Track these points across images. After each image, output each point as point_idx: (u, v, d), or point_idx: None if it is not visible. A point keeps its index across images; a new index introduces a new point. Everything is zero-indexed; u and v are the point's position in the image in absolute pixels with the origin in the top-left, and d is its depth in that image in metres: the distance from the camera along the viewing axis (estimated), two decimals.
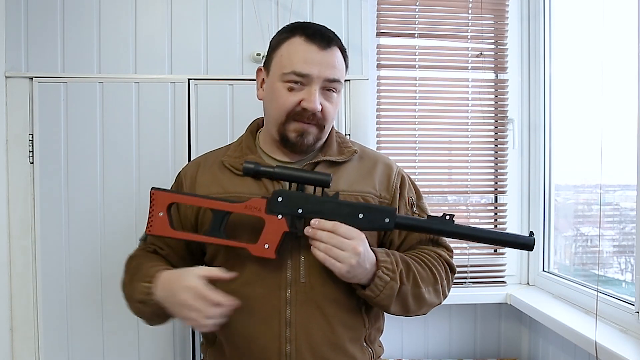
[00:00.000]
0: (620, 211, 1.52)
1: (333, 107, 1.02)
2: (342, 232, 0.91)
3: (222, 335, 1.02)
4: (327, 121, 1.02)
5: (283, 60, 1.00)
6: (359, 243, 0.91)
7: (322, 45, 0.99)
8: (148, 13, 1.52)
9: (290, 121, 1.00)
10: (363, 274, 0.94)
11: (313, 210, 0.94)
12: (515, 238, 0.99)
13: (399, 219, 0.97)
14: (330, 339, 0.99)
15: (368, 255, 0.93)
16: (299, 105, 0.99)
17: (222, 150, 1.13)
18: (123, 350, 1.49)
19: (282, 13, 1.55)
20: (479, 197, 1.83)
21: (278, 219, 0.94)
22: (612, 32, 1.42)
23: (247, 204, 0.95)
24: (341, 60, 1.03)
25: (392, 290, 0.95)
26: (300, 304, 0.98)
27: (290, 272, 0.98)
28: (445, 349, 1.79)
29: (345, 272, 0.91)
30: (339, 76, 1.01)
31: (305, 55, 0.98)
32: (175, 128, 1.51)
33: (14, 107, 1.46)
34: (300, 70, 0.97)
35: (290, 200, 0.95)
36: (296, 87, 0.99)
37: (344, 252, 0.90)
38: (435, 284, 1.03)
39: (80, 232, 1.48)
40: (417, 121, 1.76)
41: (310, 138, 1.01)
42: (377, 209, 0.96)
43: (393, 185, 1.09)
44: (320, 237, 0.91)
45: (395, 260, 0.98)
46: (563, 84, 1.74)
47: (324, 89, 1.00)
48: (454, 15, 1.77)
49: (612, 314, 1.36)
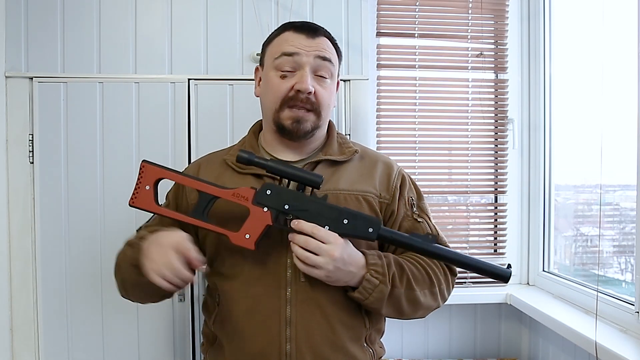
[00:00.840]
0: (620, 211, 1.52)
1: (327, 92, 1.03)
2: (320, 236, 0.91)
3: (223, 334, 1.02)
4: (322, 106, 1.02)
5: (273, 49, 1.04)
6: (334, 248, 0.91)
7: (310, 34, 1.02)
8: (148, 13, 1.52)
9: (284, 108, 1.01)
10: (347, 277, 0.94)
11: (299, 208, 0.94)
12: (493, 268, 0.97)
13: (383, 231, 0.96)
14: (330, 339, 0.99)
15: (351, 259, 0.93)
16: (292, 90, 1.00)
17: (223, 151, 1.14)
18: (123, 350, 1.49)
19: (282, 13, 1.55)
20: (479, 197, 1.83)
21: (263, 211, 0.94)
22: (612, 32, 1.42)
23: (235, 191, 0.95)
24: (331, 47, 1.05)
25: (382, 293, 0.95)
26: (300, 303, 0.98)
27: (290, 271, 0.98)
28: (445, 349, 1.79)
29: (324, 277, 0.92)
30: (329, 56, 1.03)
31: (294, 41, 1.01)
32: (175, 128, 1.51)
33: (14, 107, 1.46)
34: (288, 50, 1.00)
35: (278, 194, 0.95)
36: (288, 74, 1.01)
37: (320, 257, 0.90)
38: (432, 286, 1.02)
39: (80, 232, 1.48)
40: (417, 121, 1.76)
41: (307, 125, 1.02)
42: (363, 218, 0.96)
43: (393, 184, 1.09)
44: (298, 242, 0.92)
45: (387, 262, 0.97)
46: (563, 84, 1.74)
47: (315, 74, 1.02)
48: (454, 15, 1.77)
49: (612, 314, 1.36)
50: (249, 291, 0.98)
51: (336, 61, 1.06)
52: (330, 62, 1.03)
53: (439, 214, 1.81)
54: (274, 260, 0.98)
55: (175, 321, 1.51)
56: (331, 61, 1.03)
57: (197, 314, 1.51)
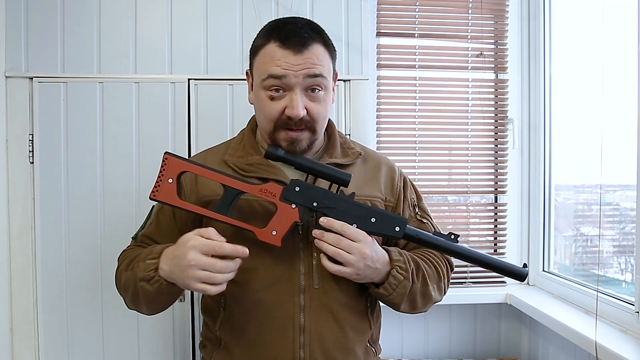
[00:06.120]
0: (620, 211, 1.52)
1: (321, 106, 0.98)
2: (350, 234, 0.91)
3: (231, 339, 1.01)
4: (317, 123, 0.99)
5: (260, 67, 0.97)
6: (366, 246, 0.91)
7: (297, 48, 0.94)
8: (148, 13, 1.52)
9: (279, 130, 0.97)
10: (374, 273, 0.94)
11: (327, 206, 0.93)
12: (511, 267, 0.99)
13: (409, 230, 0.96)
14: (342, 343, 1.00)
15: (378, 256, 0.94)
16: (284, 114, 0.95)
17: (221, 148, 1.10)
18: (123, 350, 1.49)
19: (282, 13, 1.55)
20: (479, 197, 1.83)
21: (291, 208, 0.93)
22: (612, 32, 1.42)
23: (262, 187, 0.93)
24: (323, 54, 0.97)
25: (405, 288, 0.96)
26: (314, 309, 0.98)
27: (303, 278, 0.98)
28: (445, 349, 1.79)
29: (354, 275, 0.92)
30: (320, 71, 0.95)
31: (281, 60, 0.93)
32: (175, 128, 1.51)
33: (14, 107, 1.46)
34: (275, 72, 0.93)
35: (306, 191, 0.94)
36: (277, 95, 0.95)
37: (351, 255, 0.90)
38: (439, 281, 1.05)
39: (80, 232, 1.48)
40: (417, 121, 1.76)
41: (302, 144, 0.99)
42: (390, 217, 0.96)
43: (397, 188, 1.09)
44: (328, 239, 0.91)
45: (407, 259, 0.99)
46: (563, 84, 1.74)
47: (307, 89, 0.96)
48: (454, 15, 1.77)
49: (612, 314, 1.36)
50: (262, 298, 0.97)
51: (329, 69, 1.00)
52: (321, 76, 0.96)
53: (439, 214, 1.81)
54: (287, 267, 0.97)
55: (175, 321, 1.51)
56: (322, 75, 0.96)
57: (197, 314, 1.51)
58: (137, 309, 1.02)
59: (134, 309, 1.03)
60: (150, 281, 0.91)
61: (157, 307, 1.01)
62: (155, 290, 0.91)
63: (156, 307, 1.01)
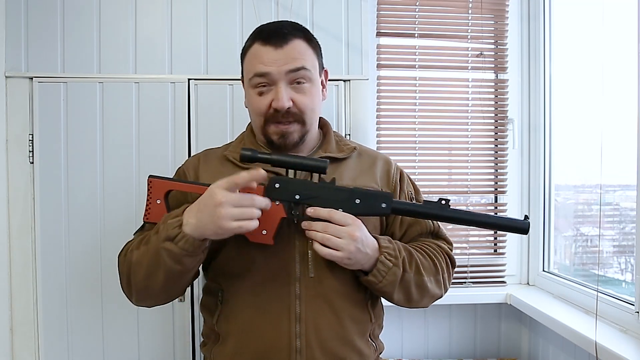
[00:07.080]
0: (620, 211, 1.52)
1: (307, 97, 1.01)
2: (337, 219, 0.92)
3: (228, 331, 1.02)
4: (305, 113, 1.01)
5: (247, 68, 1.03)
6: (354, 229, 0.92)
7: (278, 44, 0.98)
8: (148, 13, 1.52)
9: (269, 124, 1.01)
10: (364, 259, 0.94)
11: (310, 196, 0.94)
12: (511, 222, 0.98)
13: (396, 203, 0.97)
14: (339, 333, 1.00)
15: (367, 241, 0.94)
16: (271, 107, 1.00)
17: (221, 148, 1.14)
18: (123, 349, 1.49)
19: (282, 13, 1.55)
20: (479, 197, 1.84)
21: (275, 205, 0.94)
22: (612, 32, 1.42)
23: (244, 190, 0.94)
24: (305, 49, 1.01)
25: (395, 276, 0.96)
26: (310, 298, 0.98)
27: (298, 267, 0.99)
28: (445, 349, 1.79)
29: (346, 259, 0.92)
30: (302, 64, 0.99)
31: (262, 57, 0.99)
32: (175, 128, 1.51)
33: (14, 107, 1.46)
34: (259, 70, 0.99)
35: (287, 186, 0.95)
36: (264, 90, 1.00)
37: (341, 239, 0.91)
38: (437, 274, 1.04)
39: (80, 232, 1.48)
40: (417, 121, 1.76)
41: (293, 136, 1.02)
42: (374, 194, 0.96)
43: (393, 180, 1.11)
44: (316, 228, 0.92)
45: (397, 247, 0.99)
46: (563, 84, 1.74)
47: (292, 83, 1.00)
48: (454, 15, 1.77)
49: (612, 314, 1.36)
50: (258, 289, 0.99)
51: (314, 63, 1.03)
52: (304, 69, 1.00)
53: None
54: (282, 256, 0.98)
55: (175, 321, 1.51)
56: (305, 67, 1.00)
57: (197, 314, 1.51)
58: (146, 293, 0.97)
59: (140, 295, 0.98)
60: (174, 239, 0.87)
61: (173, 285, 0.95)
62: (180, 251, 0.87)
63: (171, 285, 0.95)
